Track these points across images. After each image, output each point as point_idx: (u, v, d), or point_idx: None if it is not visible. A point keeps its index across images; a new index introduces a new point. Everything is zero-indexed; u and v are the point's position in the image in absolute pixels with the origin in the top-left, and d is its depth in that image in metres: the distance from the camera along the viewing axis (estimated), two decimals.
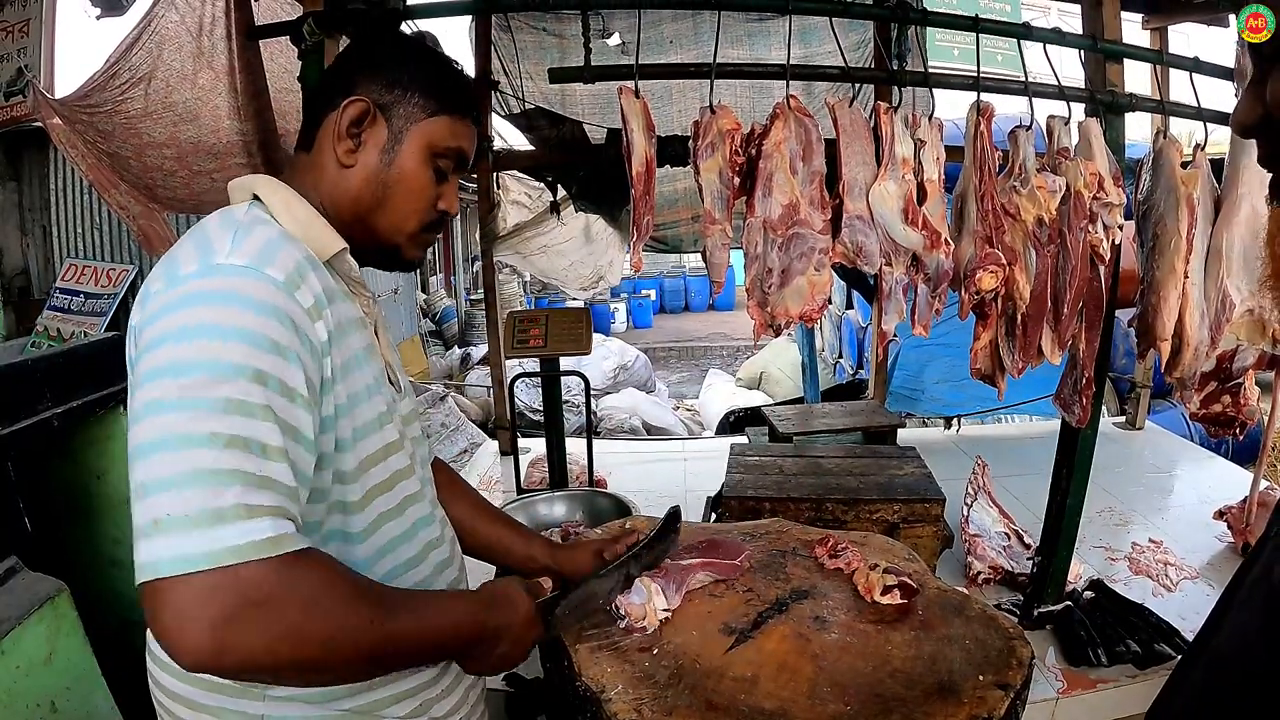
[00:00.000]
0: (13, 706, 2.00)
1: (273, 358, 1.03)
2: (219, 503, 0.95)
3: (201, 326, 1.01)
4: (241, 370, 1.00)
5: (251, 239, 1.11)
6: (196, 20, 3.88)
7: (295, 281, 1.10)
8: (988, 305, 2.31)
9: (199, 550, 0.93)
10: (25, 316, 7.78)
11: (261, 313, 1.04)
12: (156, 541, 0.94)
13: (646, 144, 2.20)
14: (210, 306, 1.03)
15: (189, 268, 1.06)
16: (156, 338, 1.02)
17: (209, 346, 1.00)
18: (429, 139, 1.30)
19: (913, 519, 2.79)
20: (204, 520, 0.94)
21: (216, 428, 0.97)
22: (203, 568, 0.93)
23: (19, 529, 2.50)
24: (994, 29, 2.39)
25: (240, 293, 1.04)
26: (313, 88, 1.35)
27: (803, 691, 1.40)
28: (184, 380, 0.99)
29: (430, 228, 1.37)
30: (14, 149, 7.72)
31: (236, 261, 1.06)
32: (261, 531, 0.97)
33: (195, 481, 0.95)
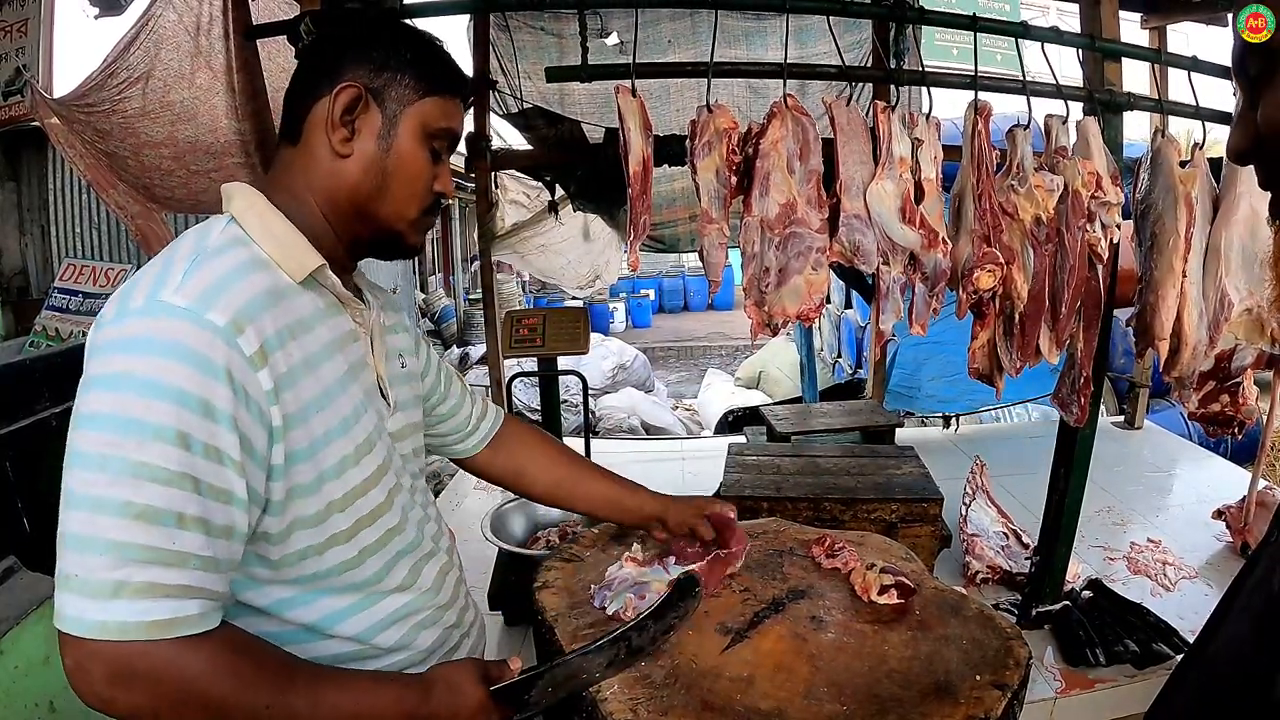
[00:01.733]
0: (11, 706, 2.00)
1: (200, 419, 1.00)
2: (119, 576, 0.95)
3: (131, 378, 0.98)
4: (163, 433, 0.97)
5: (204, 271, 1.06)
6: (194, 19, 3.88)
7: (240, 324, 1.04)
8: (985, 304, 2.31)
9: (93, 619, 0.94)
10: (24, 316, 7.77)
11: (194, 367, 1.00)
12: (63, 595, 0.96)
13: (644, 143, 2.19)
14: (143, 356, 0.99)
15: (137, 300, 1.03)
16: (91, 377, 1.01)
17: (134, 404, 0.97)
18: (423, 120, 1.26)
19: (911, 518, 2.79)
20: (103, 591, 0.95)
21: (131, 496, 0.96)
22: (94, 636, 0.94)
23: (17, 529, 2.50)
24: (992, 28, 2.39)
25: (174, 342, 0.99)
26: (295, 78, 1.29)
27: (799, 691, 1.40)
28: (105, 436, 0.97)
29: (429, 211, 1.33)
30: (12, 149, 7.72)
31: (178, 301, 1.01)
32: (157, 613, 0.96)
33: (101, 550, 0.95)
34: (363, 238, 1.30)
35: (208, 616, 1.01)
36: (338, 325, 1.23)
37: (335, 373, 1.19)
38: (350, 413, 1.21)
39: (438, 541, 1.47)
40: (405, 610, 1.33)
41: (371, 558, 1.26)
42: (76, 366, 1.05)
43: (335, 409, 1.18)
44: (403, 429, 1.41)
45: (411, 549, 1.36)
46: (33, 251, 8.07)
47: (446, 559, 1.48)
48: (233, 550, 1.05)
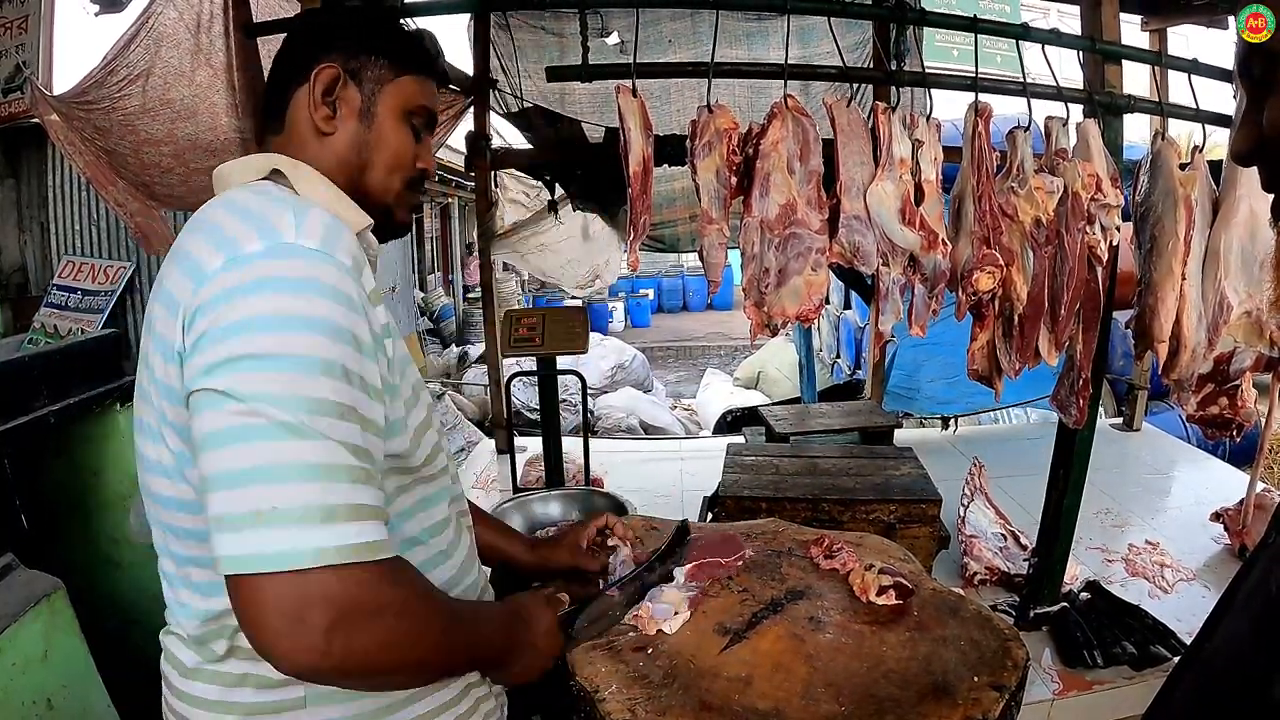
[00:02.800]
0: (9, 704, 1.99)
1: (353, 353, 1.01)
2: (330, 499, 0.93)
3: (286, 317, 0.97)
4: (331, 367, 0.97)
5: (312, 219, 1.07)
6: (194, 17, 3.88)
7: (360, 266, 1.08)
8: (985, 306, 2.31)
9: (310, 547, 0.91)
10: (23, 313, 7.76)
11: (341, 303, 1.00)
12: (259, 533, 0.90)
13: (644, 143, 2.19)
14: (292, 295, 0.98)
15: (252, 245, 1.01)
16: (234, 322, 0.96)
17: (298, 340, 0.96)
18: (401, 98, 1.29)
19: (909, 519, 2.79)
20: (315, 516, 0.92)
21: (318, 425, 0.95)
22: (312, 565, 0.91)
23: (15, 526, 2.49)
24: (992, 29, 2.39)
25: (320, 280, 1.00)
26: (272, 70, 1.31)
27: (797, 692, 1.39)
28: (274, 374, 0.95)
29: (413, 186, 1.36)
30: (12, 146, 7.71)
31: (307, 244, 1.02)
32: (368, 534, 0.96)
33: (304, 475, 0.93)
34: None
35: (393, 541, 1.02)
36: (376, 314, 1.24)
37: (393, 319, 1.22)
38: (404, 356, 1.23)
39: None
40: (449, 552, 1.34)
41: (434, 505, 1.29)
42: (75, 364, 1.05)
43: (399, 349, 1.19)
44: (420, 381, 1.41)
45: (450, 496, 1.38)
46: (32, 248, 8.06)
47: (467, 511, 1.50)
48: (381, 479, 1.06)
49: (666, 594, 1.63)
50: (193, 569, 1.13)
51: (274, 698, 1.14)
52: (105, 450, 2.76)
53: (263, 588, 0.90)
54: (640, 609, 1.59)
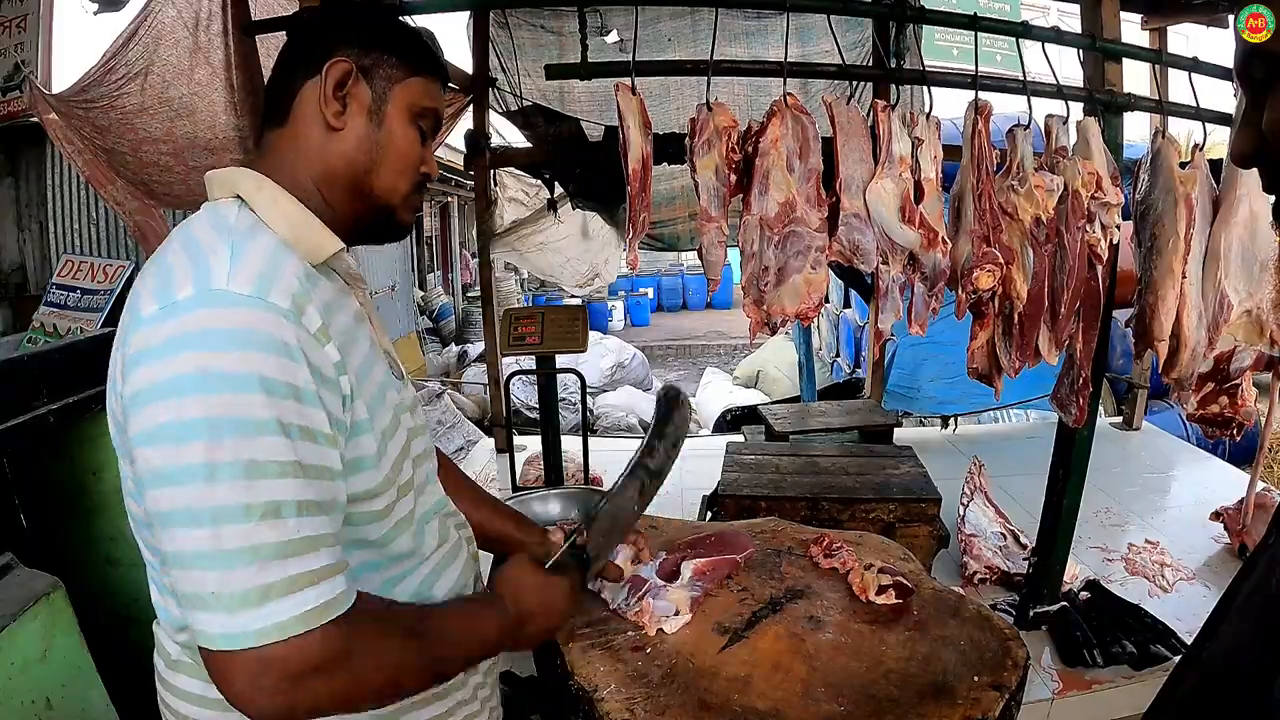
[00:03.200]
0: (8, 703, 1.99)
1: (292, 404, 0.99)
2: (264, 579, 0.95)
3: (214, 376, 0.95)
4: (265, 426, 0.96)
5: (250, 256, 1.04)
6: (193, 15, 3.87)
7: (300, 305, 1.04)
8: (985, 304, 2.31)
9: (250, 628, 0.94)
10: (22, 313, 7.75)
11: (274, 353, 0.98)
12: (207, 616, 0.94)
13: (643, 141, 2.19)
14: (219, 352, 0.96)
15: (184, 290, 0.99)
16: (161, 384, 0.96)
17: (227, 402, 0.95)
18: (411, 100, 1.27)
19: (909, 518, 2.79)
20: (251, 600, 0.94)
21: (250, 499, 0.95)
22: (255, 645, 0.94)
23: (14, 525, 2.49)
24: (992, 28, 2.39)
25: (249, 331, 0.98)
26: (280, 60, 1.29)
27: (796, 691, 1.39)
28: (204, 443, 0.94)
29: (417, 189, 1.33)
30: (11, 145, 7.70)
31: (239, 290, 0.99)
32: (309, 602, 0.97)
33: (236, 561, 0.94)
34: (360, 215, 1.29)
35: (349, 591, 1.04)
36: (350, 306, 1.23)
37: (366, 343, 1.21)
38: (382, 383, 1.22)
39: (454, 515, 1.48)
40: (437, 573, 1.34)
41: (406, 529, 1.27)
42: (75, 363, 1.04)
43: (374, 377, 1.19)
44: (411, 402, 1.40)
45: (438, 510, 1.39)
46: (31, 247, 8.05)
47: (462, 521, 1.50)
48: (340, 523, 1.07)
49: (671, 593, 1.63)
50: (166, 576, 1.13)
51: None
52: (104, 449, 2.76)
53: (221, 661, 0.96)
54: (642, 606, 1.59)
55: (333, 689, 1.00)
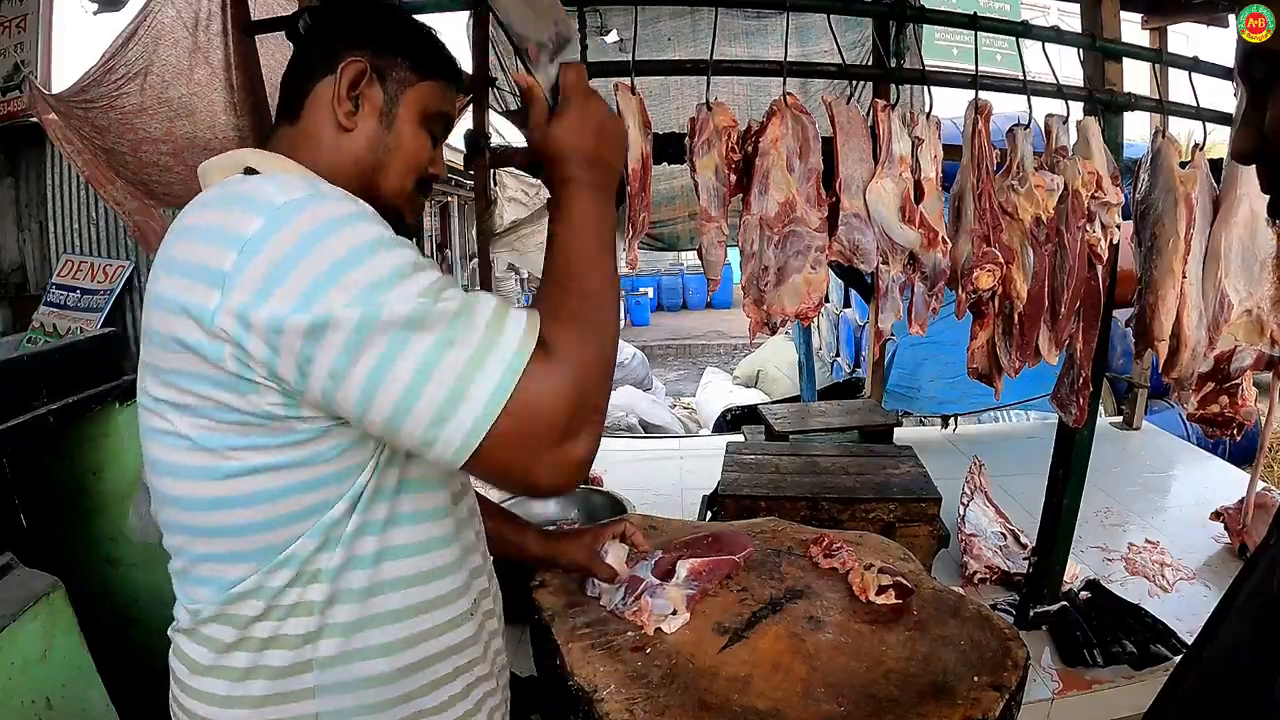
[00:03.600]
0: (7, 704, 1.99)
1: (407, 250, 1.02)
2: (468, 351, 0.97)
3: (344, 259, 0.97)
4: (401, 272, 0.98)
5: (285, 178, 1.06)
6: (192, 15, 3.88)
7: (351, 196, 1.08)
8: (985, 304, 2.30)
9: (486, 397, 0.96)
10: (22, 312, 7.76)
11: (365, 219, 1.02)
12: (459, 410, 0.96)
13: (642, 141, 2.19)
14: (330, 238, 0.98)
15: (250, 227, 0.98)
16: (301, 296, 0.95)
17: (373, 269, 0.97)
18: (422, 103, 1.29)
19: (909, 518, 2.79)
20: (472, 374, 0.96)
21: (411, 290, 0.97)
22: (501, 406, 0.96)
23: (14, 525, 2.49)
24: (992, 27, 2.39)
25: (337, 214, 1.00)
26: (295, 57, 1.32)
27: (796, 691, 1.39)
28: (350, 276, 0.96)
29: (422, 190, 1.36)
30: (11, 145, 7.69)
31: (297, 196, 1.00)
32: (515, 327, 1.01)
33: (440, 355, 0.96)
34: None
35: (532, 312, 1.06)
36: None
37: None
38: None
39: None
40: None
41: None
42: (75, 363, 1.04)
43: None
44: None
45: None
46: (31, 247, 8.05)
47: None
48: None
49: (668, 591, 1.63)
50: (205, 565, 1.14)
51: (283, 688, 1.15)
52: (104, 449, 2.76)
53: (491, 453, 0.98)
54: (640, 605, 1.59)
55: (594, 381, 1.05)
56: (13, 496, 2.49)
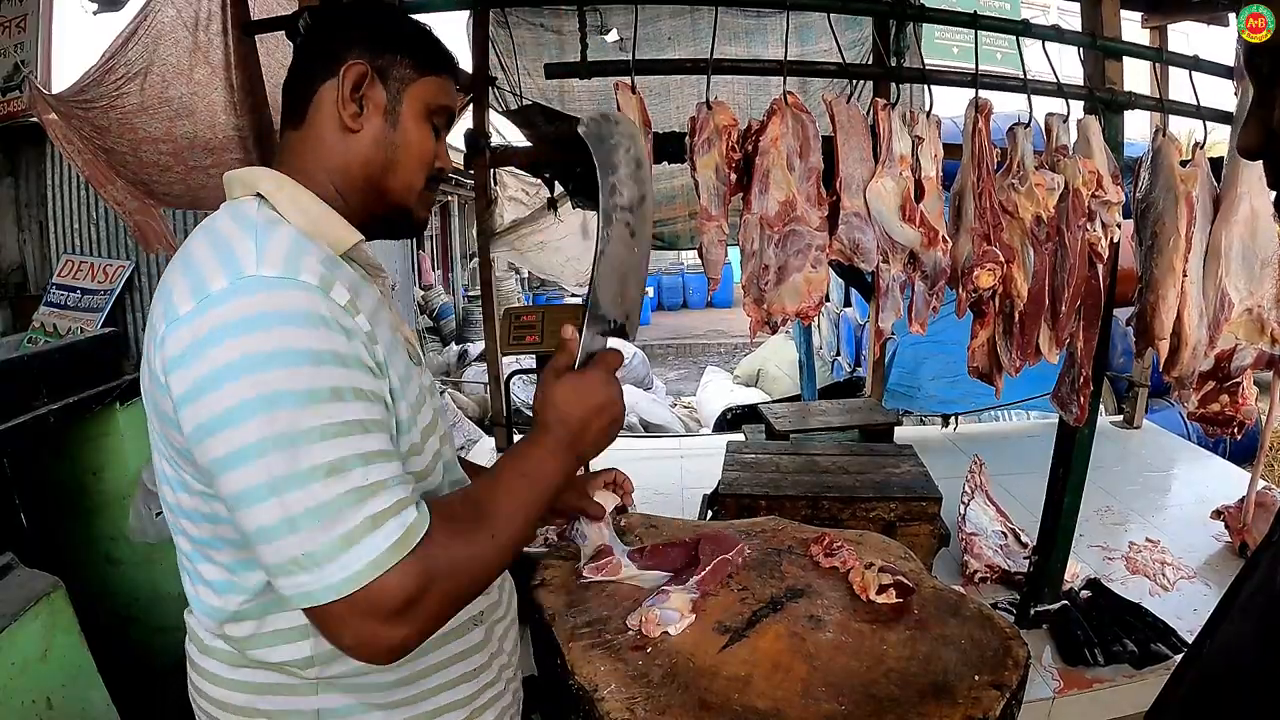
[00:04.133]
0: (8, 703, 1.99)
1: (337, 369, 1.04)
2: (345, 528, 0.99)
3: (261, 357, 1.00)
4: (319, 395, 1.01)
5: (274, 243, 1.09)
6: (193, 15, 3.87)
7: (328, 282, 1.09)
8: (985, 303, 2.30)
9: (344, 576, 0.99)
10: (22, 312, 7.76)
11: (311, 325, 1.03)
12: (303, 578, 0.99)
13: (642, 140, 2.19)
14: (261, 333, 1.01)
15: (217, 283, 1.03)
16: (211, 375, 1.00)
17: (277, 378, 0.99)
18: (424, 98, 1.31)
19: (909, 517, 2.79)
20: (335, 549, 0.99)
21: (317, 460, 0.99)
22: (352, 589, 0.99)
23: (15, 525, 2.49)
24: (993, 26, 2.39)
25: (285, 310, 1.03)
26: (296, 62, 1.34)
27: (797, 691, 1.39)
28: (265, 418, 0.99)
29: (430, 185, 1.37)
30: (11, 144, 7.69)
31: (268, 273, 1.04)
32: (393, 535, 1.02)
33: (317, 518, 0.99)
34: (376, 212, 1.33)
35: (424, 514, 1.07)
36: (371, 293, 1.25)
37: (389, 327, 1.24)
38: (405, 369, 1.25)
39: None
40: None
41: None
42: (75, 363, 1.05)
43: (399, 355, 1.23)
44: (430, 385, 1.43)
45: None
46: (31, 247, 8.05)
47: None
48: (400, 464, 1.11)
49: (672, 599, 1.62)
50: (204, 566, 1.20)
51: (285, 680, 1.21)
52: (104, 449, 2.76)
53: (326, 616, 1.01)
54: (646, 613, 1.58)
55: (435, 607, 1.06)
56: (13, 496, 2.49)
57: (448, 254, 19.07)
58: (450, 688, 1.32)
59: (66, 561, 2.47)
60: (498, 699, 1.42)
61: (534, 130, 4.61)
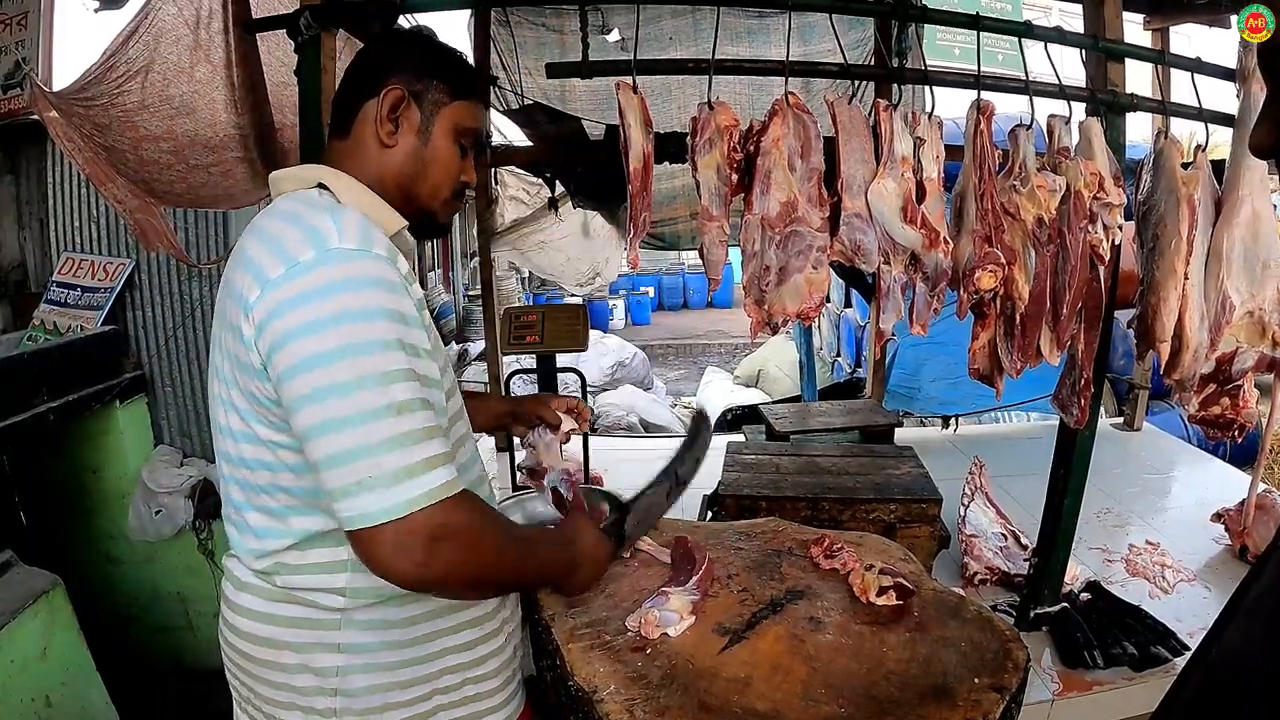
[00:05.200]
0: (7, 701, 1.99)
1: (404, 327, 1.25)
2: (407, 461, 1.19)
3: (350, 311, 1.20)
4: (391, 345, 1.22)
5: (349, 222, 1.28)
6: (194, 13, 3.87)
7: (393, 255, 1.31)
8: (986, 305, 2.30)
9: (398, 501, 1.17)
10: (22, 310, 7.74)
11: (385, 289, 1.24)
12: (363, 498, 1.17)
13: (644, 140, 2.19)
14: (349, 292, 1.21)
15: (306, 254, 1.22)
16: (305, 325, 1.19)
17: (363, 329, 1.20)
18: (454, 121, 1.50)
19: (909, 519, 2.78)
20: (400, 477, 1.18)
21: (389, 399, 1.19)
22: (405, 514, 1.18)
23: (14, 523, 2.49)
24: (995, 27, 2.38)
25: (367, 275, 1.23)
26: (344, 80, 1.54)
27: (796, 693, 1.39)
28: (350, 361, 1.18)
29: (457, 195, 1.57)
30: (11, 142, 7.66)
31: (349, 245, 1.24)
32: (441, 479, 1.22)
33: (385, 447, 1.18)
34: (406, 214, 1.49)
35: (459, 476, 1.27)
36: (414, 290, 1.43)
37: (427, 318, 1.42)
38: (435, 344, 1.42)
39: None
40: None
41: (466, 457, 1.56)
42: (75, 361, 1.05)
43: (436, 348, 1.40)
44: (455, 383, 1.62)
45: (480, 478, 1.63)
46: (31, 245, 8.03)
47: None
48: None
49: (672, 601, 1.62)
50: (251, 514, 1.39)
51: (314, 615, 1.38)
52: (104, 447, 2.76)
53: (373, 537, 1.18)
54: (645, 615, 1.58)
55: (456, 554, 1.22)
56: (13, 494, 2.50)
57: (448, 253, 19.06)
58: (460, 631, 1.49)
59: (66, 560, 2.48)
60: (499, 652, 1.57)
61: (535, 130, 4.61)
